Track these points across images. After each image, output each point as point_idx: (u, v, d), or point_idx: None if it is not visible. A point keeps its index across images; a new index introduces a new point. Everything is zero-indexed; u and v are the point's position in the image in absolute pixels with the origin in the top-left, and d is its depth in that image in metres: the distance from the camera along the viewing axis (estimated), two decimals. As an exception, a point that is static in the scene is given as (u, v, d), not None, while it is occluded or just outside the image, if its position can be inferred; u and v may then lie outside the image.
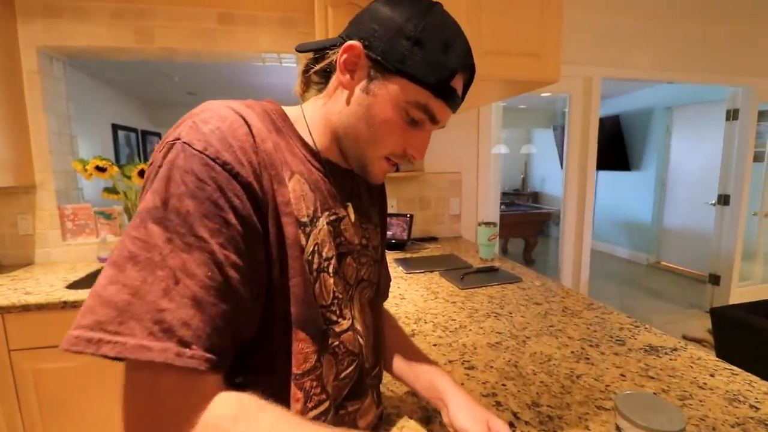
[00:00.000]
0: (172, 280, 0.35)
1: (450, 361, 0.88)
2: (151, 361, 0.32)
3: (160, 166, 0.39)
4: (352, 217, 0.56)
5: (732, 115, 3.06)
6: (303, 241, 0.46)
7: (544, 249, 5.73)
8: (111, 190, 2.02)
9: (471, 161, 2.39)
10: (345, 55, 0.49)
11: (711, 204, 3.31)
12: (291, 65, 2.32)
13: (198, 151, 0.38)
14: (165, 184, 0.37)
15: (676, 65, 2.63)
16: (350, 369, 0.53)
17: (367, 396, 0.58)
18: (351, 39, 0.49)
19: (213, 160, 0.39)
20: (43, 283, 1.62)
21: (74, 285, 1.63)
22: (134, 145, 5.08)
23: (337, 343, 0.51)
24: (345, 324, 0.52)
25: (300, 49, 0.56)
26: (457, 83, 0.50)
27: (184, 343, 0.34)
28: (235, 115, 0.43)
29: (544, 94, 2.87)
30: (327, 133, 0.53)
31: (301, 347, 0.46)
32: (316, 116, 0.54)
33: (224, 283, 0.37)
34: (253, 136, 0.43)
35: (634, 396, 0.62)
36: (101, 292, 0.34)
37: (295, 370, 0.45)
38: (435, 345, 0.96)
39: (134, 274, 0.34)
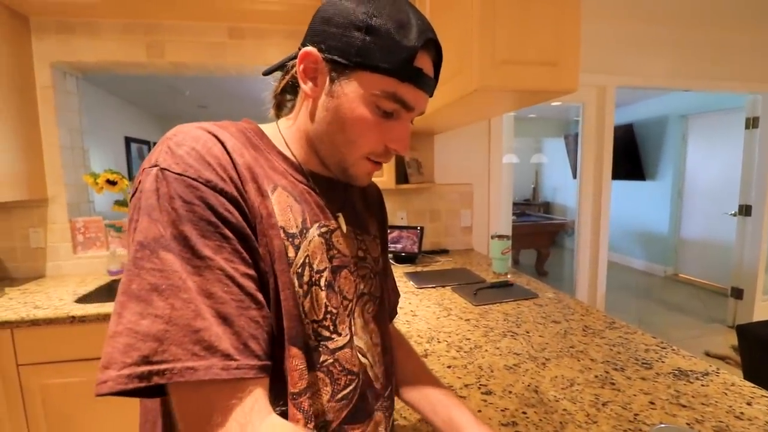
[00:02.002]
0: (198, 301, 0.36)
1: (466, 385, 0.83)
2: (200, 381, 0.34)
3: (143, 194, 0.38)
4: (344, 227, 0.54)
5: (752, 123, 2.98)
6: (292, 253, 0.45)
7: (558, 260, 5.62)
8: (122, 203, 2.02)
9: (482, 172, 2.35)
10: (302, 65, 0.47)
11: (731, 214, 3.20)
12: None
13: (178, 174, 0.38)
14: (159, 212, 0.37)
15: (692, 73, 2.57)
16: (348, 389, 0.49)
17: (371, 420, 0.53)
18: (305, 46, 0.47)
19: (195, 180, 0.38)
20: (53, 297, 1.61)
21: (83, 299, 1.62)
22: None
23: (331, 360, 0.48)
24: (340, 341, 0.49)
25: (265, 73, 0.55)
26: (423, 62, 0.46)
27: (227, 356, 0.35)
28: (207, 134, 0.42)
29: (554, 103, 2.83)
30: (304, 144, 0.52)
31: (295, 364, 0.44)
32: (291, 130, 0.53)
33: (242, 293, 0.39)
34: (228, 153, 0.42)
35: (669, 430, 0.57)
36: (135, 327, 0.34)
37: (291, 388, 0.43)
38: (449, 367, 0.91)
39: (162, 304, 0.35)
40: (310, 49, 0.46)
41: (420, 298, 1.42)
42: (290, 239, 0.45)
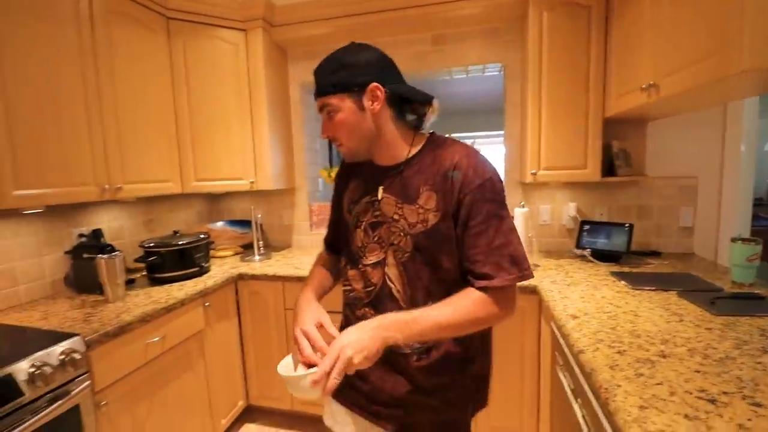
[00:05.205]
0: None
1: (724, 392, 0.77)
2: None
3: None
4: (380, 195, 0.86)
5: None
6: (353, 209, 0.93)
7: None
8: (343, 193, 2.47)
9: (712, 162, 1.97)
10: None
11: None
12: (494, 73, 2.38)
13: None
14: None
15: None
16: (369, 288, 0.87)
17: (379, 312, 0.79)
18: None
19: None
20: (305, 263, 2.11)
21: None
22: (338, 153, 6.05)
23: (363, 268, 0.88)
24: (367, 261, 0.88)
25: None
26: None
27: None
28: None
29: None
30: None
31: (345, 265, 0.96)
32: None
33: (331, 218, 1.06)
34: (347, 164, 0.99)
35: None
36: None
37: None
38: (698, 371, 0.86)
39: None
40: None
41: (638, 300, 1.33)
42: (352, 203, 0.93)
